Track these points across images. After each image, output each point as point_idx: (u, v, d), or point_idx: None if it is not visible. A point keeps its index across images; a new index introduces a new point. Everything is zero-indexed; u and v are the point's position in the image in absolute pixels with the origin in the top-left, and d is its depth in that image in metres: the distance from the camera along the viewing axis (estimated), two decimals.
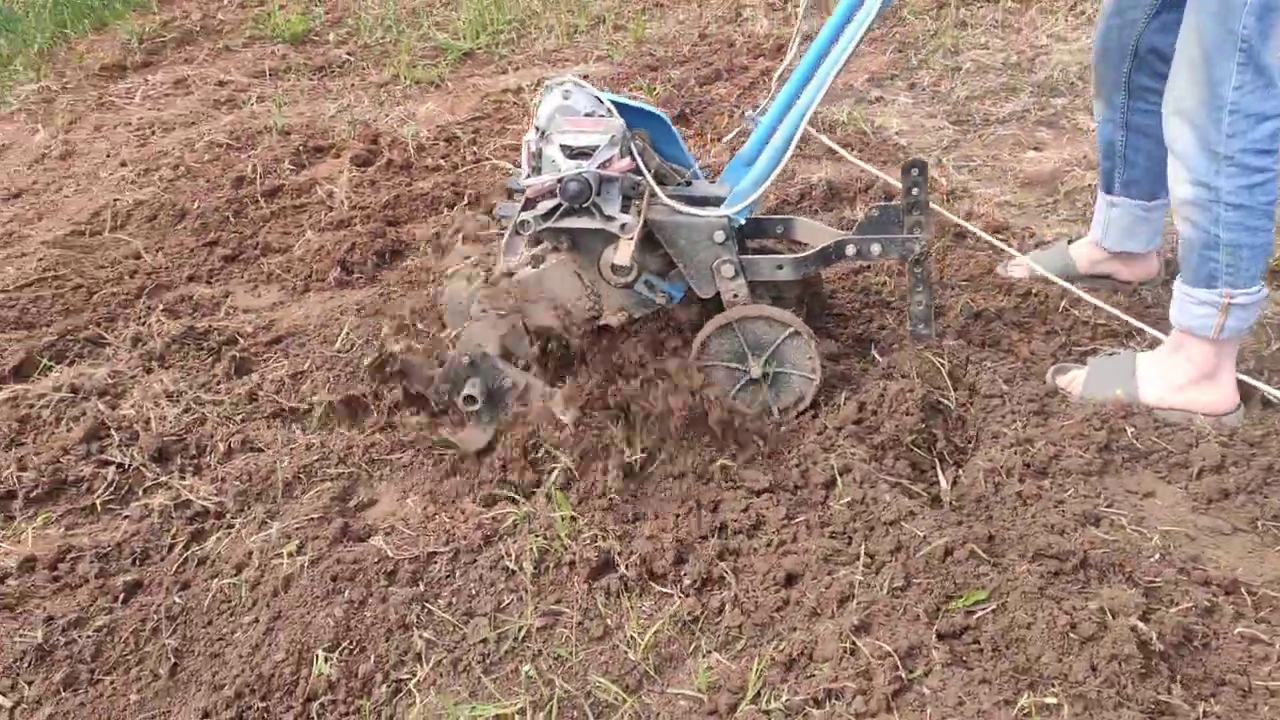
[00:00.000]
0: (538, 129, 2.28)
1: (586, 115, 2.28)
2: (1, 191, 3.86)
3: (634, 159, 2.20)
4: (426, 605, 1.87)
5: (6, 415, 2.51)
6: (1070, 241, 2.80)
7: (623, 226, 2.11)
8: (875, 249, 2.27)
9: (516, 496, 2.09)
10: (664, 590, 1.87)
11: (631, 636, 1.79)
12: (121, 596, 2.01)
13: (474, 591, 1.90)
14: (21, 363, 2.74)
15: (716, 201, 2.32)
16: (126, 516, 2.23)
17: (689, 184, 2.45)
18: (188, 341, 2.76)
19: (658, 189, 2.24)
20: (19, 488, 2.29)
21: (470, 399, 2.15)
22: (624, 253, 2.08)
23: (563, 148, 2.16)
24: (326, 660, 1.76)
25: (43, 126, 4.43)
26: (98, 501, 2.28)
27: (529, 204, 2.16)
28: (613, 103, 2.31)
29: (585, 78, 2.91)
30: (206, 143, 4.02)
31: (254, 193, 3.61)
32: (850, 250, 2.27)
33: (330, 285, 3.04)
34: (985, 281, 2.76)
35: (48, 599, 2.03)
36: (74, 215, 3.62)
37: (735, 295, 2.25)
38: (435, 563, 1.95)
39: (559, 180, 2.10)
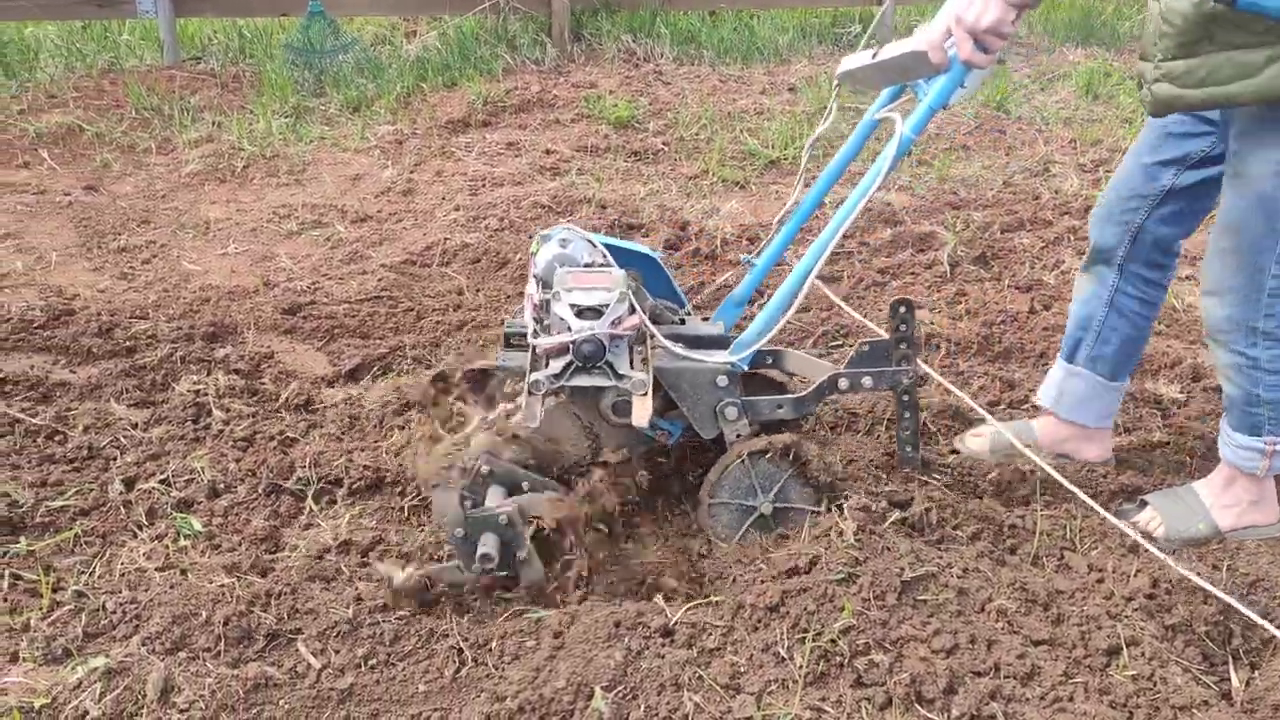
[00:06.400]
0: (537, 279, 2.31)
1: (586, 265, 2.32)
2: (353, 214, 4.35)
3: (640, 313, 2.23)
4: (698, 670, 1.95)
5: (342, 410, 2.82)
6: (1033, 418, 2.82)
7: (638, 384, 2.17)
8: (867, 381, 2.35)
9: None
10: (929, 716, 1.88)
11: None
12: (420, 594, 2.21)
13: (743, 669, 1.96)
14: (357, 367, 3.07)
15: (712, 341, 2.40)
16: (426, 526, 2.45)
17: (682, 322, 2.51)
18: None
19: (659, 335, 2.28)
20: (346, 478, 2.56)
21: (487, 558, 2.06)
22: (643, 413, 2.14)
23: (572, 306, 2.17)
24: (604, 699, 1.87)
25: (392, 164, 4.96)
26: (407, 505, 2.52)
27: (540, 361, 2.21)
28: (606, 246, 2.37)
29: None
30: (530, 202, 4.38)
31: None
32: (844, 384, 2.35)
33: None
34: None
35: (358, 581, 2.25)
36: (409, 245, 4.04)
37: (738, 435, 2.31)
38: (709, 633, 2.04)
39: (573, 342, 2.15)
